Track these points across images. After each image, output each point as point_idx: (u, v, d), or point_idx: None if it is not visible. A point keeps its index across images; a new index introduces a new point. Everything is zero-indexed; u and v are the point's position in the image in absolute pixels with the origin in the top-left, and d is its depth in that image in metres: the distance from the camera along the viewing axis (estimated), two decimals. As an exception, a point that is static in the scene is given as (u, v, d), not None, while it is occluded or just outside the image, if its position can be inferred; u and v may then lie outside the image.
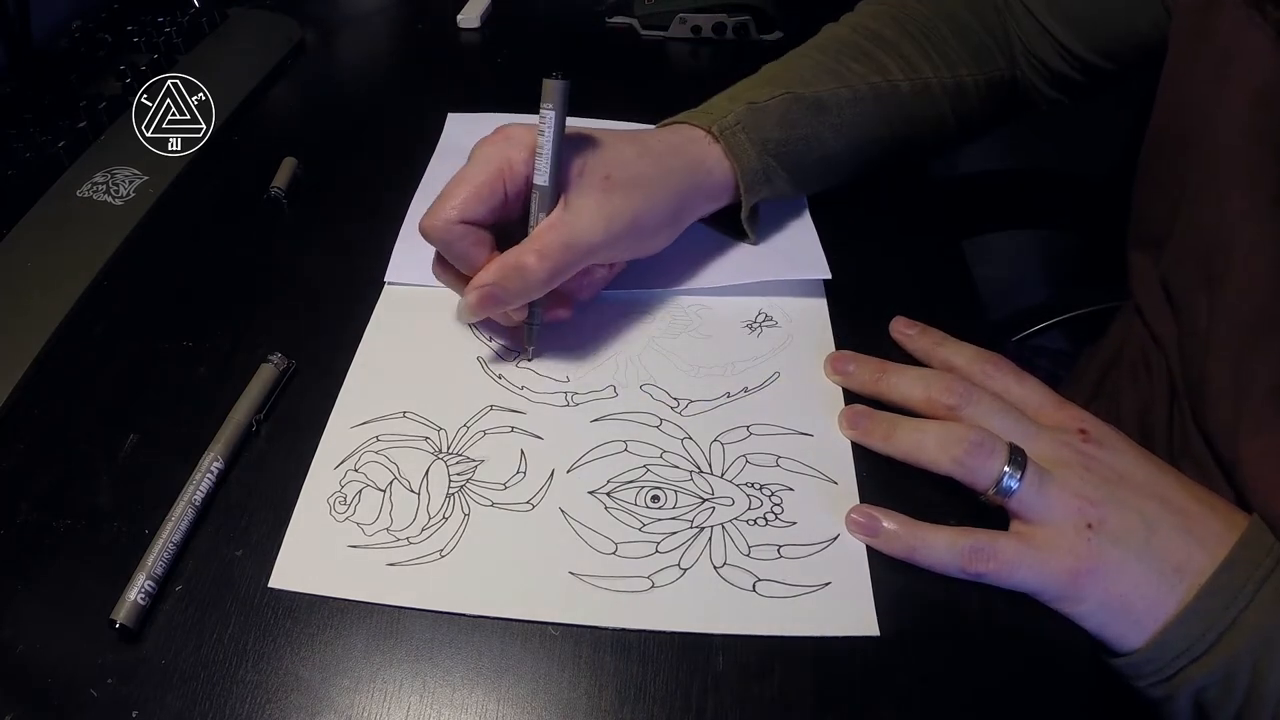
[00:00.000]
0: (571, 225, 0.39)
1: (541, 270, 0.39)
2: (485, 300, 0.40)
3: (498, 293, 0.39)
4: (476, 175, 0.39)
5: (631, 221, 0.41)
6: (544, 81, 0.38)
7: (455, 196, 0.39)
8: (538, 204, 0.40)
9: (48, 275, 0.48)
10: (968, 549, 0.34)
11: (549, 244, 0.39)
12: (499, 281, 0.39)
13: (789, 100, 0.47)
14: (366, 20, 0.77)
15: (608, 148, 0.41)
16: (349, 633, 0.33)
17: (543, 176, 0.39)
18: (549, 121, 0.38)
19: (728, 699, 0.32)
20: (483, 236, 0.40)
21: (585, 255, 0.40)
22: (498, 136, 0.41)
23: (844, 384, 0.42)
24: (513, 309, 0.41)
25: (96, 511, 0.37)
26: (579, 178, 0.40)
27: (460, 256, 0.40)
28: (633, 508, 0.37)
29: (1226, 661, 0.32)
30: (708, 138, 0.45)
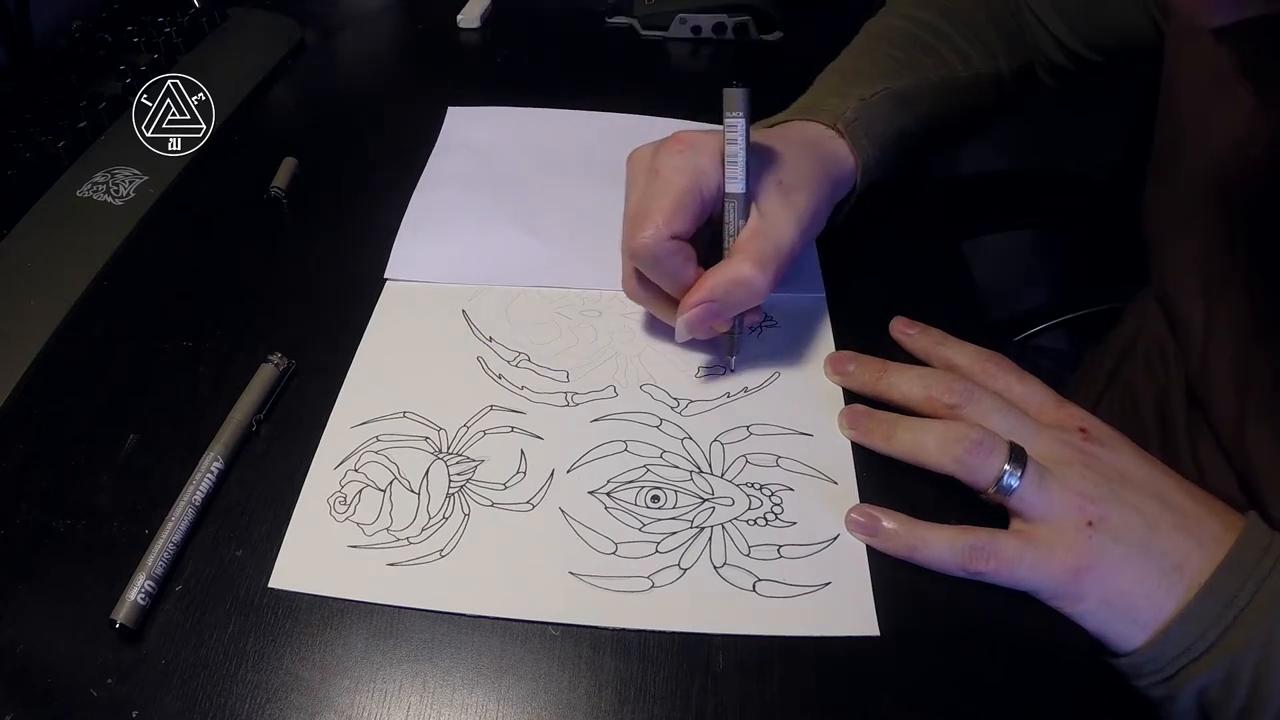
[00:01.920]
0: (774, 230, 0.40)
1: (764, 279, 0.39)
2: (705, 316, 0.39)
3: (719, 307, 0.39)
4: (675, 185, 0.38)
5: (813, 218, 0.42)
6: (726, 91, 0.38)
7: (661, 210, 0.38)
8: (736, 212, 0.39)
9: (48, 275, 0.48)
10: (968, 548, 0.34)
11: (763, 251, 0.39)
12: (724, 298, 0.39)
13: (887, 96, 0.48)
14: (366, 20, 0.77)
15: (769, 152, 0.42)
16: (349, 633, 0.33)
17: (738, 184, 0.39)
18: (739, 130, 0.38)
19: (728, 699, 0.32)
20: (689, 250, 0.39)
21: (792, 255, 0.40)
22: (681, 145, 0.40)
23: (844, 384, 0.42)
24: (721, 322, 0.40)
25: (96, 511, 0.37)
26: (759, 184, 0.40)
27: (671, 274, 0.39)
28: (633, 508, 0.37)
29: (1228, 661, 0.32)
30: (832, 133, 0.46)
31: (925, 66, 0.51)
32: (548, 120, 0.60)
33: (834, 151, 0.45)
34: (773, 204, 0.40)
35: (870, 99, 0.47)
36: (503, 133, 0.59)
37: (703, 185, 0.39)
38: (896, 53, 0.51)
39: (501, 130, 0.60)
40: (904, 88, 0.49)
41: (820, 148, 0.45)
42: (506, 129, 0.60)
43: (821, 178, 0.43)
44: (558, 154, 0.57)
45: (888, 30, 0.53)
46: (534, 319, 0.46)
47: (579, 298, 0.47)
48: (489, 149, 0.58)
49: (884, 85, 0.48)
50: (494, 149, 0.58)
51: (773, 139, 0.43)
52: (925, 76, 0.50)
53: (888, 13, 0.55)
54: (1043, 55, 0.54)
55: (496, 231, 0.51)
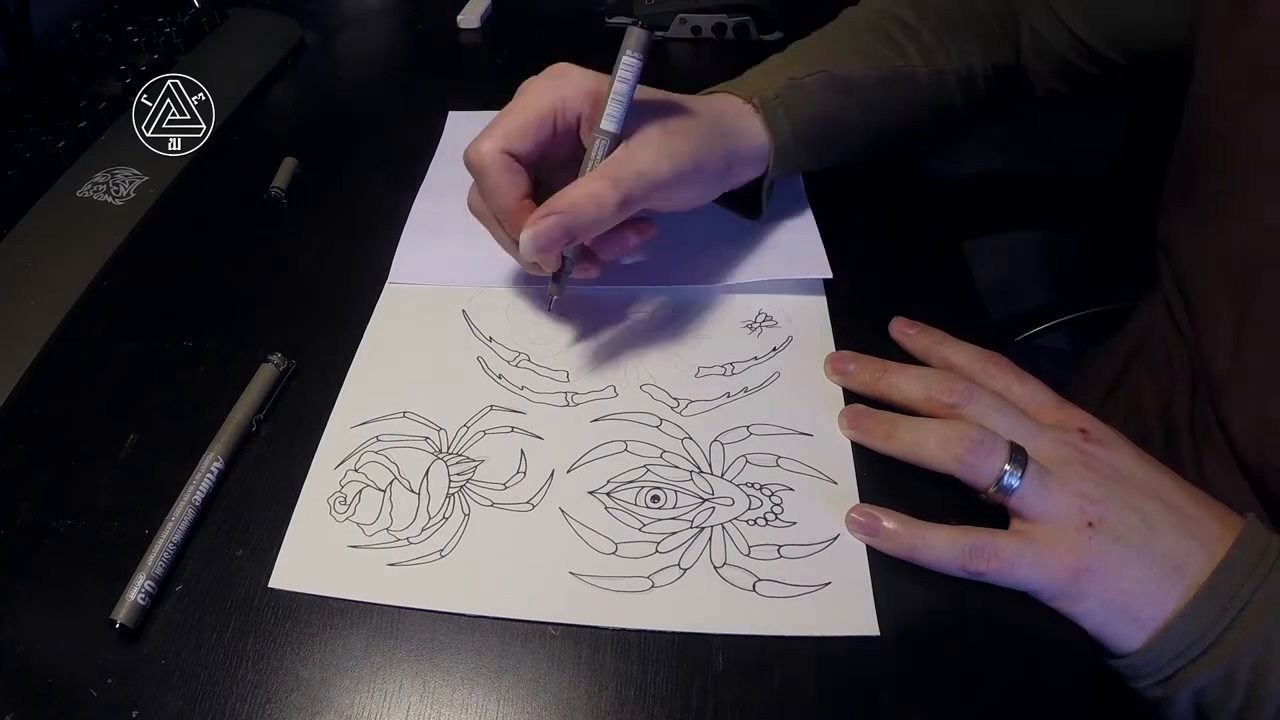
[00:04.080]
0: (639, 156, 0.39)
1: (615, 196, 0.38)
2: (553, 229, 0.38)
3: (568, 222, 0.38)
4: (527, 107, 0.39)
5: (693, 162, 0.41)
6: (629, 29, 0.38)
7: (503, 125, 0.38)
8: (600, 149, 0.39)
9: (48, 275, 0.48)
10: (968, 548, 0.34)
11: (619, 172, 0.38)
12: (569, 208, 0.38)
13: (824, 79, 0.47)
14: (366, 20, 0.77)
15: (663, 104, 0.42)
16: (349, 633, 0.33)
17: (613, 123, 0.38)
18: (631, 69, 0.38)
19: (728, 699, 0.32)
20: (520, 174, 0.39)
21: (652, 187, 0.39)
22: (554, 72, 0.40)
23: (844, 384, 0.42)
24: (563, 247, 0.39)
25: (96, 511, 0.37)
26: (637, 126, 0.40)
27: (493, 188, 0.39)
28: (633, 508, 0.37)
29: (1226, 662, 0.32)
30: (748, 107, 0.45)
31: (879, 56, 0.50)
32: None
33: (743, 127, 0.45)
34: (647, 141, 0.40)
35: (802, 79, 0.47)
36: None
37: (558, 112, 0.39)
38: (854, 39, 0.50)
39: None
40: (848, 74, 0.48)
41: (727, 120, 0.44)
42: None
43: (716, 143, 0.42)
44: None
45: (853, 19, 0.53)
46: (534, 319, 0.46)
47: (579, 297, 0.47)
48: None
49: (822, 68, 0.48)
50: None
51: (677, 98, 0.43)
52: (876, 66, 0.49)
53: (862, 3, 0.55)
54: (1055, 56, 0.53)
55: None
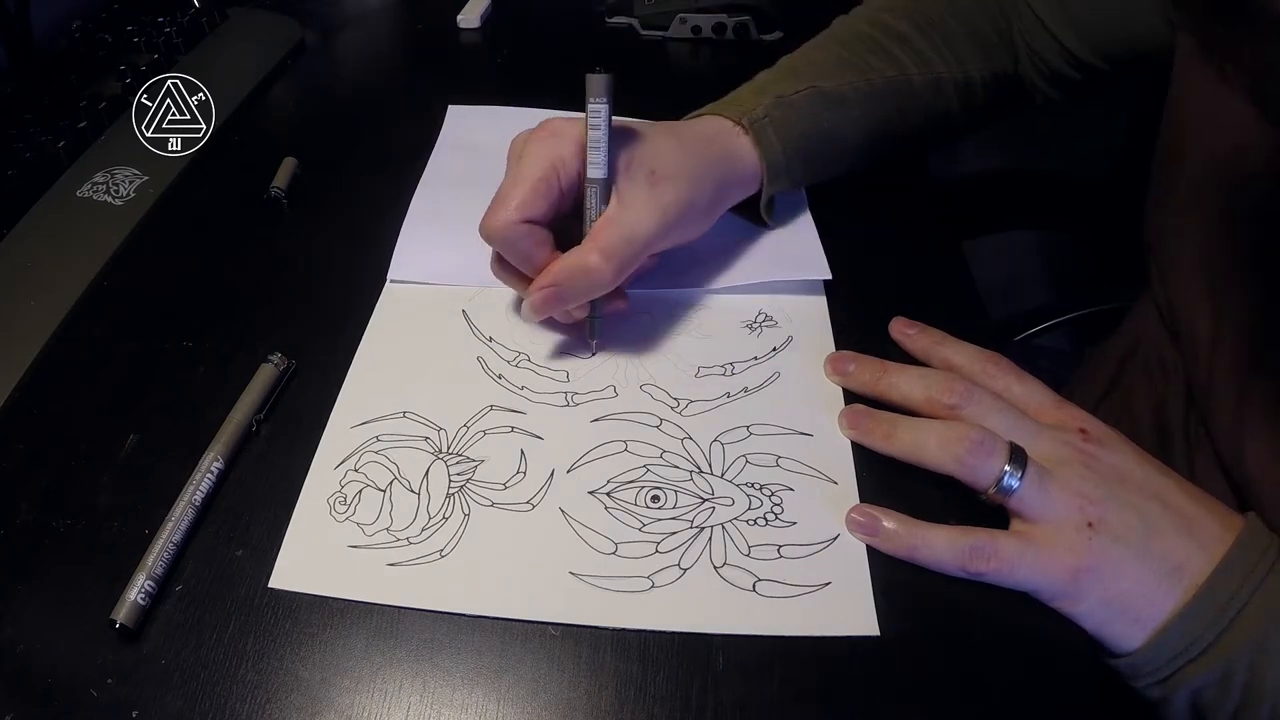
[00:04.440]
0: (628, 220, 0.40)
1: (607, 269, 0.39)
2: (550, 300, 0.40)
3: (564, 293, 0.40)
4: (532, 173, 0.39)
5: (680, 212, 0.41)
6: (588, 77, 0.38)
7: (514, 197, 0.39)
8: (594, 196, 0.40)
9: (48, 275, 0.48)
10: (968, 548, 0.34)
11: (610, 242, 0.39)
12: (564, 282, 0.40)
13: (813, 95, 0.47)
14: (366, 20, 0.77)
15: (649, 141, 0.42)
16: (349, 633, 0.33)
17: (598, 169, 0.39)
18: (601, 115, 0.38)
19: (728, 699, 0.32)
20: (543, 235, 0.40)
21: (643, 249, 0.40)
22: (544, 133, 0.41)
23: (844, 384, 0.42)
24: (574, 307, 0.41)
25: (96, 511, 0.37)
26: (626, 170, 0.40)
27: (523, 256, 0.40)
28: (633, 508, 0.37)
29: (1224, 662, 0.32)
30: (737, 129, 0.46)
31: (871, 68, 0.50)
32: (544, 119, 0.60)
33: (734, 149, 0.45)
34: (636, 193, 0.40)
35: (790, 97, 0.47)
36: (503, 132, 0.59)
37: (560, 172, 0.40)
38: (843, 52, 0.50)
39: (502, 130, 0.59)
40: (837, 88, 0.48)
41: (717, 144, 0.45)
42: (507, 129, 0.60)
43: (706, 173, 0.43)
44: None
45: (844, 30, 0.53)
46: (534, 319, 0.46)
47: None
48: (489, 148, 0.58)
49: (811, 84, 0.48)
50: (494, 148, 0.58)
51: (664, 132, 0.43)
52: (868, 78, 0.49)
53: (854, 14, 0.55)
54: (1046, 66, 0.53)
55: None
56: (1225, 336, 0.42)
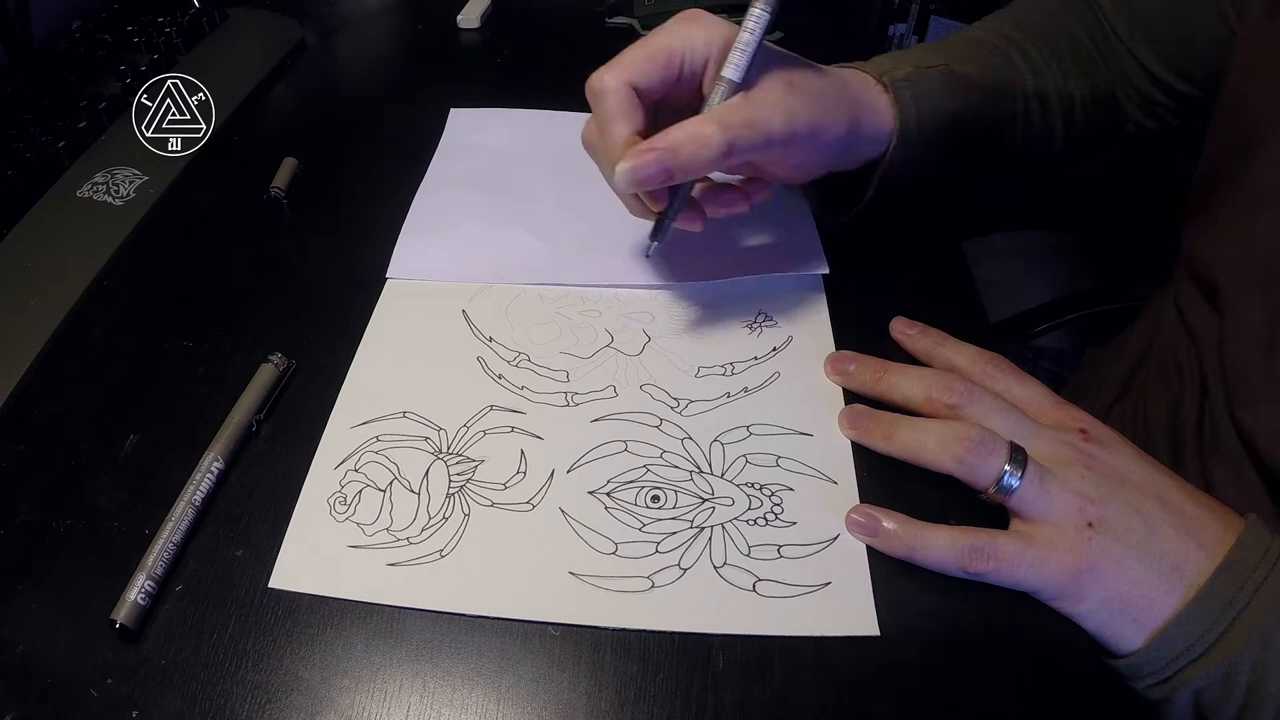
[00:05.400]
0: (755, 108, 0.38)
1: (721, 140, 0.37)
2: (652, 164, 0.37)
3: (668, 159, 0.37)
4: (657, 44, 0.39)
5: (810, 124, 0.40)
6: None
7: (630, 58, 0.38)
8: (718, 95, 0.38)
9: (48, 275, 0.48)
10: (968, 548, 0.34)
11: (730, 118, 0.38)
12: (672, 146, 0.37)
13: (947, 73, 0.47)
14: (366, 20, 0.77)
15: (792, 61, 0.41)
16: (349, 633, 0.33)
17: (736, 71, 0.38)
18: (758, 20, 0.37)
19: (728, 699, 0.32)
20: (635, 108, 0.39)
21: (763, 141, 0.38)
22: (687, 16, 0.40)
23: (844, 384, 0.42)
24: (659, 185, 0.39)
25: (96, 511, 0.37)
26: (763, 78, 0.39)
27: (610, 117, 0.39)
28: (633, 508, 0.37)
29: (1226, 663, 0.32)
30: (878, 86, 0.45)
31: (994, 67, 0.49)
32: (549, 121, 0.61)
33: (871, 101, 0.44)
34: (770, 92, 0.39)
35: (927, 69, 0.46)
36: (505, 134, 0.59)
37: (685, 52, 0.39)
38: (969, 48, 0.50)
39: (503, 132, 0.60)
40: (967, 73, 0.48)
41: (855, 91, 0.44)
42: (508, 130, 0.60)
43: (839, 111, 0.42)
44: (559, 155, 0.57)
45: (967, 34, 0.53)
46: (534, 319, 0.46)
47: (579, 297, 0.47)
48: (491, 150, 0.58)
49: (945, 63, 0.47)
50: (496, 150, 0.58)
51: (809, 63, 0.42)
52: (992, 74, 0.49)
53: (972, 26, 0.54)
54: (1133, 89, 0.52)
55: (498, 231, 0.51)
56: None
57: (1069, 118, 0.52)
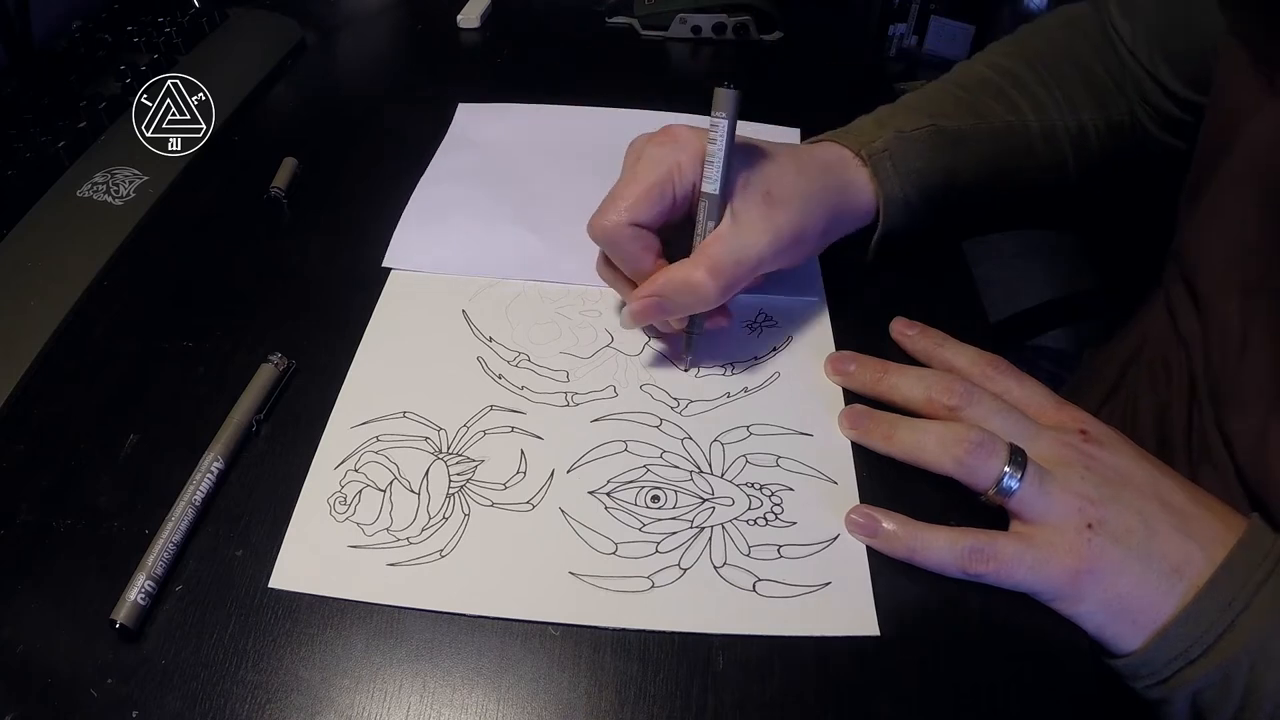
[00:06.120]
0: (739, 240, 0.39)
1: (713, 287, 0.39)
2: (650, 310, 0.40)
3: (666, 305, 0.40)
4: (647, 177, 0.39)
5: (793, 236, 0.41)
6: (716, 90, 0.38)
7: (626, 198, 0.39)
8: (706, 212, 0.40)
9: (48, 275, 0.48)
10: (968, 549, 0.34)
11: (719, 260, 0.39)
12: (669, 295, 0.39)
13: (933, 133, 0.47)
14: (366, 20, 0.77)
15: (769, 162, 0.42)
16: (349, 633, 0.33)
17: (713, 185, 0.39)
18: (721, 131, 0.38)
19: (728, 699, 0.32)
20: (650, 240, 0.40)
21: (752, 270, 0.40)
22: (665, 138, 0.40)
23: (844, 384, 0.42)
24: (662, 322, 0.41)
25: (96, 511, 0.37)
26: (743, 190, 0.40)
27: (628, 259, 0.40)
28: (633, 508, 0.37)
29: (1224, 664, 0.32)
30: (856, 160, 0.45)
31: (991, 112, 0.49)
32: (555, 116, 0.61)
33: (851, 179, 0.45)
34: (751, 213, 0.40)
35: (909, 133, 0.46)
36: (510, 129, 0.60)
37: (675, 180, 0.39)
38: (962, 94, 0.50)
39: (508, 126, 0.60)
40: (956, 128, 0.47)
41: (835, 173, 0.44)
42: (513, 125, 0.60)
43: (821, 201, 0.42)
44: (564, 150, 0.57)
45: (964, 73, 0.52)
46: (534, 319, 0.46)
47: (579, 297, 0.47)
48: (495, 145, 0.58)
49: (931, 122, 0.47)
50: (500, 144, 0.58)
51: (784, 154, 0.43)
52: (988, 121, 0.48)
53: (974, 58, 0.54)
54: (1155, 110, 0.51)
55: (498, 225, 0.51)
56: (1255, 337, 0.41)
57: (1082, 150, 0.51)
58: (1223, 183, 0.44)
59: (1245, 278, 0.42)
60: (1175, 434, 0.48)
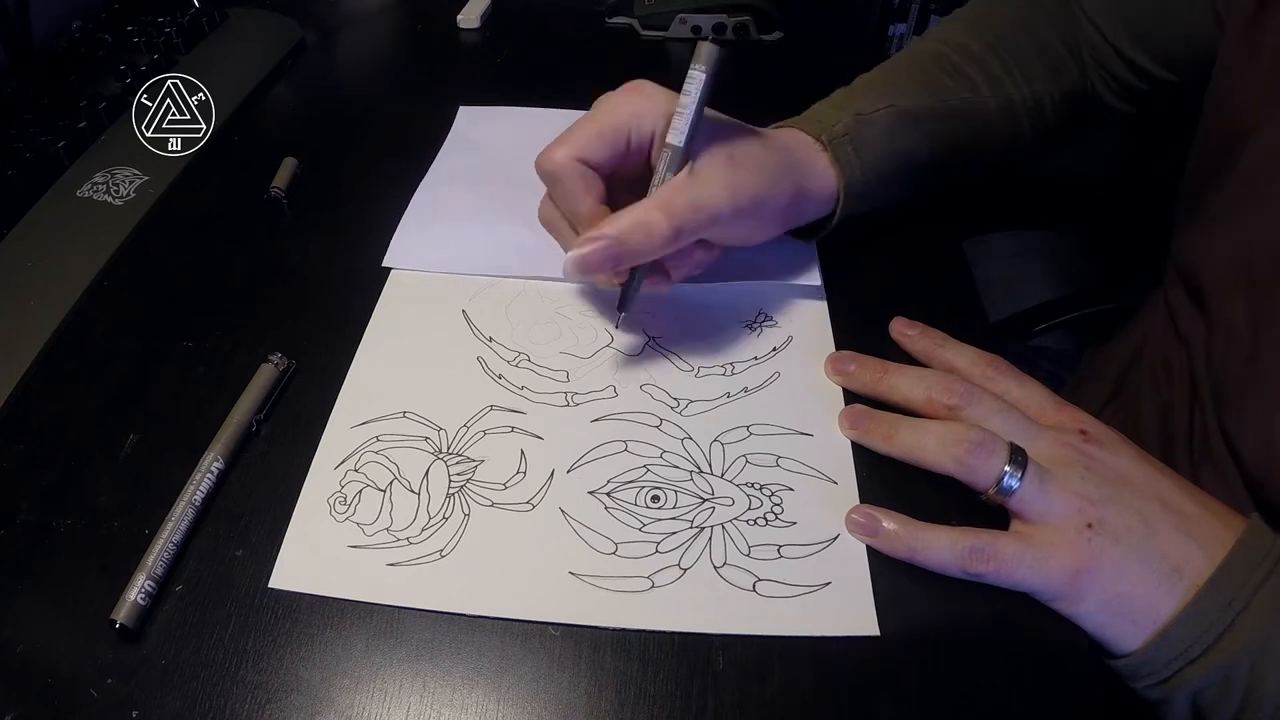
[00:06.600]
0: (698, 188, 0.39)
1: (667, 228, 0.38)
2: (598, 255, 0.38)
3: (616, 249, 0.38)
4: (604, 119, 0.39)
5: (754, 199, 0.40)
6: (699, 44, 0.37)
7: (578, 133, 0.39)
8: (666, 164, 0.39)
9: (48, 275, 0.48)
10: (968, 549, 0.34)
11: (675, 203, 0.38)
12: (621, 236, 0.38)
13: (891, 114, 0.47)
14: (366, 20, 0.77)
15: (734, 130, 0.41)
16: (349, 633, 0.33)
17: (679, 136, 0.38)
18: (697, 83, 0.37)
19: (728, 699, 0.32)
20: (593, 180, 0.39)
21: (709, 221, 0.39)
22: (630, 88, 0.40)
23: (845, 384, 0.42)
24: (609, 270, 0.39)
25: (96, 511, 0.37)
26: (707, 149, 0.39)
27: (567, 194, 0.39)
28: (633, 508, 0.37)
29: (1224, 664, 0.32)
30: (817, 145, 0.45)
31: (946, 88, 0.49)
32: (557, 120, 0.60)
33: (811, 163, 0.44)
34: (713, 168, 0.39)
35: (869, 115, 0.46)
36: (511, 131, 0.60)
37: (633, 125, 0.39)
38: (918, 73, 0.50)
39: (510, 129, 0.60)
40: (914, 107, 0.47)
41: (797, 156, 0.44)
42: (515, 128, 0.60)
43: (785, 174, 0.42)
44: None
45: (918, 51, 0.52)
46: (534, 319, 0.46)
47: (579, 297, 0.47)
48: (496, 147, 0.58)
49: (889, 103, 0.47)
50: (501, 147, 0.58)
51: (749, 129, 0.43)
52: (944, 98, 0.48)
53: (927, 34, 0.54)
54: (1115, 80, 0.52)
55: (499, 226, 0.51)
56: (1265, 336, 0.41)
57: (1038, 121, 0.52)
58: (1233, 184, 0.43)
59: (1252, 277, 0.41)
60: (1178, 434, 0.48)
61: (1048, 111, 0.52)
